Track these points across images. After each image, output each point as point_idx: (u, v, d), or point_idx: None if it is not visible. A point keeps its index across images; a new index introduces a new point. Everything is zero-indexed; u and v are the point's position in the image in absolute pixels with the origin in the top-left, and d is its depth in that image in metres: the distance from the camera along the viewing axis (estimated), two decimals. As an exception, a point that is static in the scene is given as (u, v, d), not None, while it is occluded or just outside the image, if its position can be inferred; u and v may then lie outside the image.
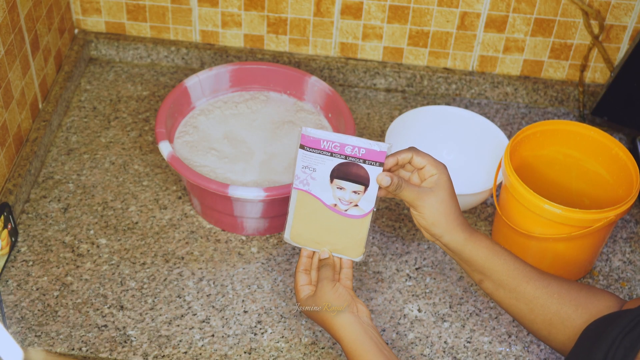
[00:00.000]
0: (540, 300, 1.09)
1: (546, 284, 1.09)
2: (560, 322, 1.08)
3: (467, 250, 1.10)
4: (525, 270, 1.10)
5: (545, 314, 1.08)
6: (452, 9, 1.58)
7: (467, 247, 1.10)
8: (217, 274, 1.33)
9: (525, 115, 1.66)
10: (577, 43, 1.61)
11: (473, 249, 1.10)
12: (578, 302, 1.07)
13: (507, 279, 1.10)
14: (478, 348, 1.26)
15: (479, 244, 1.10)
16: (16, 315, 1.25)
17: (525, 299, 1.09)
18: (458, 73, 1.66)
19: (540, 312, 1.09)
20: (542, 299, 1.08)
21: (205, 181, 1.28)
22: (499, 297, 1.12)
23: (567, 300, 1.08)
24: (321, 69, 1.67)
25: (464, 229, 1.09)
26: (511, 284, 1.10)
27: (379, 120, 1.62)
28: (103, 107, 1.60)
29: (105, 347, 1.22)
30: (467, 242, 1.09)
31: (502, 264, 1.10)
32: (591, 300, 1.08)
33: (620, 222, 1.46)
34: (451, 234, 1.09)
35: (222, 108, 1.49)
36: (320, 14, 1.61)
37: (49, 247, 1.35)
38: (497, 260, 1.10)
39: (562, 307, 1.08)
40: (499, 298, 1.12)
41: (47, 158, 1.50)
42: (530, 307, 1.09)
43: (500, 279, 1.10)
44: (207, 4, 1.62)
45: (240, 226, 1.38)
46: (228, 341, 1.24)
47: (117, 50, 1.69)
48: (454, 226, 1.09)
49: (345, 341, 1.08)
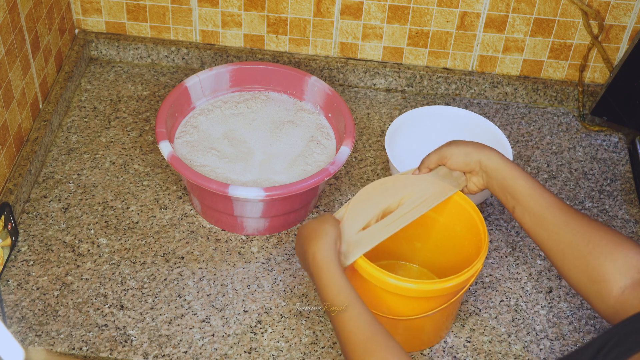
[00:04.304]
0: (556, 229, 1.10)
1: (566, 214, 1.11)
2: (571, 253, 1.08)
3: (502, 167, 1.16)
4: (550, 197, 1.14)
5: (559, 243, 1.10)
6: (452, 9, 1.58)
7: (502, 164, 1.16)
8: (217, 273, 1.33)
9: (525, 115, 1.66)
10: (576, 43, 1.61)
11: (506, 167, 1.16)
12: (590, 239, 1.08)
13: (530, 202, 1.13)
14: (478, 348, 1.26)
15: (512, 164, 1.17)
16: (17, 315, 1.25)
17: (545, 224, 1.11)
18: (458, 73, 1.66)
19: (555, 241, 1.10)
20: (558, 227, 1.10)
21: (205, 181, 1.28)
22: (526, 224, 1.14)
23: (581, 234, 1.09)
24: (321, 69, 1.67)
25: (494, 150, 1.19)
26: (535, 208, 1.12)
27: (379, 120, 1.62)
28: (103, 107, 1.61)
29: (105, 347, 1.22)
30: (499, 158, 1.17)
31: (528, 185, 1.14)
32: (607, 244, 1.07)
33: (620, 222, 1.46)
34: (487, 152, 1.17)
35: (222, 108, 1.49)
36: (320, 14, 1.62)
37: (49, 246, 1.35)
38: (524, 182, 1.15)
39: (574, 239, 1.09)
40: (526, 225, 1.14)
41: (48, 158, 1.50)
42: (548, 233, 1.11)
43: (526, 203, 1.13)
44: (207, 4, 1.63)
45: (240, 226, 1.38)
46: (228, 341, 1.24)
47: (117, 50, 1.69)
48: (484, 147, 1.18)
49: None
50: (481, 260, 1.15)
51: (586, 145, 1.60)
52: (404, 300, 1.14)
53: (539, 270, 1.37)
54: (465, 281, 1.14)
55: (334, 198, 1.46)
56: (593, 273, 1.05)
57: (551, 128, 1.63)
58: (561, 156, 1.58)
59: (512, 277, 1.36)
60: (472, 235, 1.21)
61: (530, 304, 1.32)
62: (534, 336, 1.28)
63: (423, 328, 1.21)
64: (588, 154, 1.59)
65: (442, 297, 1.15)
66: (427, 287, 1.12)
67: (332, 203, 1.45)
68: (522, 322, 1.30)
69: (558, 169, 1.55)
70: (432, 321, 1.20)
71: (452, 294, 1.15)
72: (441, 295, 1.14)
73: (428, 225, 1.27)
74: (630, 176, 1.55)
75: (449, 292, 1.14)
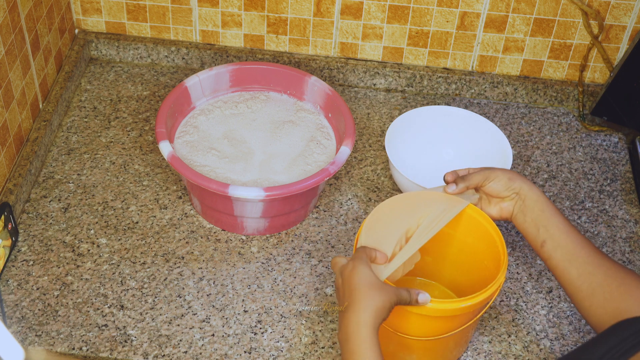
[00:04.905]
0: (589, 267, 1.10)
1: (599, 254, 1.11)
2: (602, 294, 1.08)
3: (541, 200, 1.16)
4: (583, 237, 1.14)
5: (590, 282, 1.09)
6: (452, 9, 1.58)
7: (541, 197, 1.16)
8: (217, 273, 1.33)
9: (525, 115, 1.66)
10: (576, 43, 1.61)
11: (545, 200, 1.17)
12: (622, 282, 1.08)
13: (565, 239, 1.13)
14: (478, 348, 1.26)
15: (549, 200, 1.18)
16: (17, 315, 1.25)
17: (578, 262, 1.11)
18: (458, 73, 1.66)
19: (586, 279, 1.10)
20: (591, 267, 1.10)
21: (205, 181, 1.28)
22: (555, 259, 1.14)
23: (614, 276, 1.08)
24: (321, 69, 1.67)
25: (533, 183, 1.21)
26: (569, 245, 1.13)
27: (379, 120, 1.62)
28: (103, 107, 1.61)
29: (105, 347, 1.22)
30: (539, 191, 1.17)
31: (564, 221, 1.15)
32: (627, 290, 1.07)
33: (620, 222, 1.46)
34: (528, 183, 1.17)
35: (222, 108, 1.49)
36: (320, 14, 1.62)
37: (49, 246, 1.35)
38: (560, 218, 1.16)
39: (606, 280, 1.09)
40: (555, 260, 1.14)
41: (48, 158, 1.50)
42: (580, 271, 1.11)
43: (560, 239, 1.14)
44: (207, 4, 1.63)
45: (240, 226, 1.38)
46: (228, 341, 1.24)
47: (117, 50, 1.69)
48: (524, 177, 1.19)
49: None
50: (503, 274, 1.13)
51: (586, 145, 1.60)
52: (424, 319, 1.11)
53: (539, 270, 1.37)
54: (488, 297, 1.11)
55: (334, 198, 1.46)
56: (620, 316, 1.04)
57: (551, 128, 1.63)
58: (561, 156, 1.58)
59: (512, 277, 1.36)
60: (489, 248, 1.19)
61: (530, 304, 1.32)
62: (534, 336, 1.28)
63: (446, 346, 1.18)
64: (588, 154, 1.59)
65: (465, 316, 1.12)
66: (451, 306, 1.08)
67: (332, 203, 1.46)
68: (522, 322, 1.30)
69: (558, 169, 1.55)
70: (452, 340, 1.17)
71: (474, 312, 1.13)
72: (465, 314, 1.11)
73: (443, 240, 1.24)
74: (630, 176, 1.55)
75: (472, 310, 1.11)
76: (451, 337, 1.15)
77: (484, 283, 1.14)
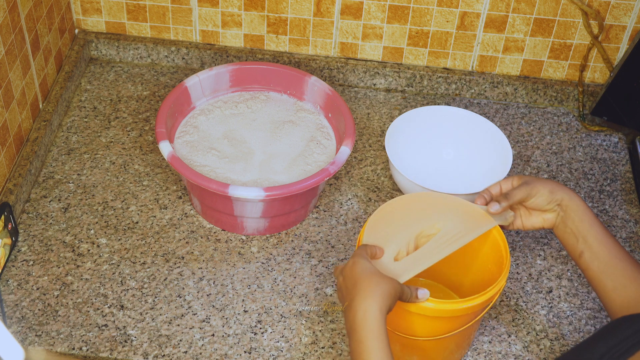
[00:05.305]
0: (624, 280, 1.10)
1: (635, 267, 1.11)
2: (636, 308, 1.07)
3: (582, 209, 1.15)
4: (621, 248, 1.13)
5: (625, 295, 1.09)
6: (452, 9, 1.58)
7: (582, 206, 1.15)
8: (217, 273, 1.33)
9: (525, 115, 1.66)
10: (576, 43, 1.61)
11: (585, 209, 1.15)
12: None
13: (602, 250, 1.12)
14: (478, 348, 1.26)
15: (590, 208, 1.17)
16: (17, 315, 1.25)
17: (614, 274, 1.10)
18: (458, 73, 1.66)
19: (621, 293, 1.09)
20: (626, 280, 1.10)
21: (205, 181, 1.28)
22: (592, 270, 1.13)
23: None
24: (321, 69, 1.67)
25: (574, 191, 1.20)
26: (605, 257, 1.12)
27: (379, 120, 1.62)
28: (103, 107, 1.61)
29: (105, 347, 1.22)
30: (580, 200, 1.16)
31: (602, 231, 1.14)
32: None
33: (620, 222, 1.46)
34: (569, 192, 1.16)
35: (222, 108, 1.49)
36: (320, 14, 1.62)
37: (49, 246, 1.35)
38: (599, 228, 1.15)
39: None
40: (591, 272, 1.13)
41: (48, 158, 1.50)
42: (615, 284, 1.10)
43: (598, 250, 1.13)
44: (207, 4, 1.63)
45: (240, 226, 1.38)
46: (228, 341, 1.24)
47: (117, 50, 1.69)
48: (565, 186, 1.17)
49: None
50: (505, 277, 1.12)
51: (586, 145, 1.60)
52: (425, 320, 1.11)
53: (539, 270, 1.37)
54: (489, 299, 1.11)
55: (334, 198, 1.46)
56: None
57: (551, 128, 1.63)
58: (561, 156, 1.58)
59: (512, 277, 1.36)
60: (492, 251, 1.19)
61: (530, 304, 1.32)
62: (534, 336, 1.28)
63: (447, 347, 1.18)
64: (588, 154, 1.59)
65: (466, 317, 1.12)
66: (453, 307, 1.09)
67: (332, 203, 1.46)
68: (522, 322, 1.30)
69: (558, 169, 1.55)
70: (453, 341, 1.17)
71: (475, 313, 1.13)
72: (465, 315, 1.11)
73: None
74: (630, 176, 1.55)
75: (473, 312, 1.11)
76: (452, 339, 1.15)
77: (485, 285, 1.14)
